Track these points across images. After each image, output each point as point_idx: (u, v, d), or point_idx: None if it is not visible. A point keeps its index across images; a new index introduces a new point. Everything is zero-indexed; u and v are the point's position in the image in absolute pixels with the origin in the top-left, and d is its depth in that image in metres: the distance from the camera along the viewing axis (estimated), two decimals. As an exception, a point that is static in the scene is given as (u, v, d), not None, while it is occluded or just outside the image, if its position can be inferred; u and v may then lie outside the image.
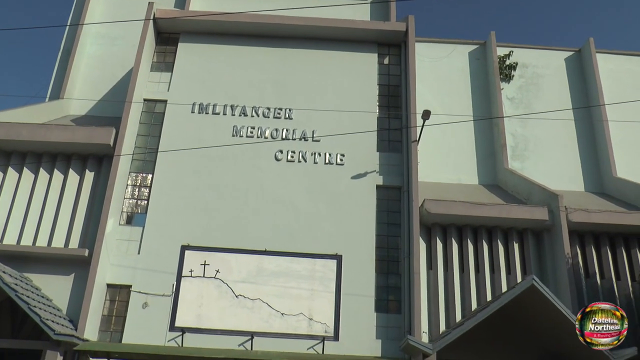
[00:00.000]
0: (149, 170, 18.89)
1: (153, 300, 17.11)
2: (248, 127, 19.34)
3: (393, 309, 17.53)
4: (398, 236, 18.33)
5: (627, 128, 21.79)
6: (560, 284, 17.57)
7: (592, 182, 21.43)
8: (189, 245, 17.74)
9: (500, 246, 18.45)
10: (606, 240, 18.80)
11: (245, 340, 16.80)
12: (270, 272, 17.53)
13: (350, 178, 18.77)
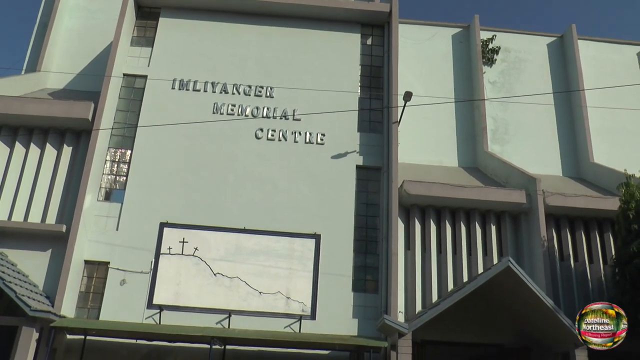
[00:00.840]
0: (128, 146, 18.70)
1: (131, 278, 17.06)
2: (229, 105, 19.21)
3: (370, 289, 17.68)
4: (377, 216, 18.43)
5: (605, 115, 22.02)
6: (535, 266, 17.83)
7: (570, 167, 21.66)
8: (168, 223, 17.66)
9: (477, 228, 18.65)
10: (581, 224, 19.10)
11: (223, 319, 16.84)
12: (248, 250, 17.54)
13: (330, 158, 18.77)
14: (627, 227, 16.27)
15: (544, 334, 16.52)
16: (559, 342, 16.05)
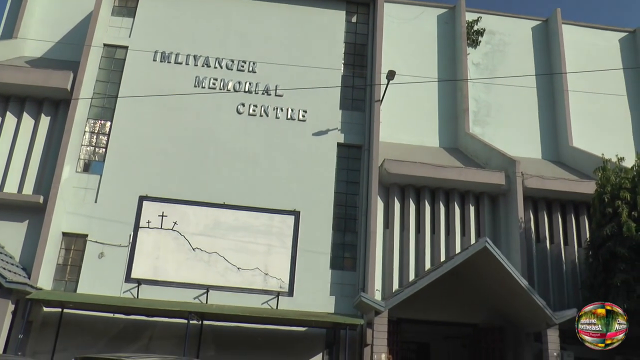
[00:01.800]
0: (108, 117, 18.48)
1: (109, 251, 16.97)
2: (210, 79, 19.02)
3: (348, 267, 17.79)
4: (356, 194, 18.48)
5: (586, 99, 22.15)
6: (511, 247, 18.04)
7: (549, 150, 21.82)
8: (147, 196, 17.55)
9: (456, 208, 18.79)
10: (558, 207, 19.35)
11: (200, 294, 16.86)
12: (227, 225, 17.51)
13: (311, 134, 18.72)
14: (602, 210, 16.52)
15: (518, 314, 16.79)
16: (532, 323, 16.33)
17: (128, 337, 16.32)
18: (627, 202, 15.94)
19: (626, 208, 15.83)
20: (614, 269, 15.81)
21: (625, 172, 16.78)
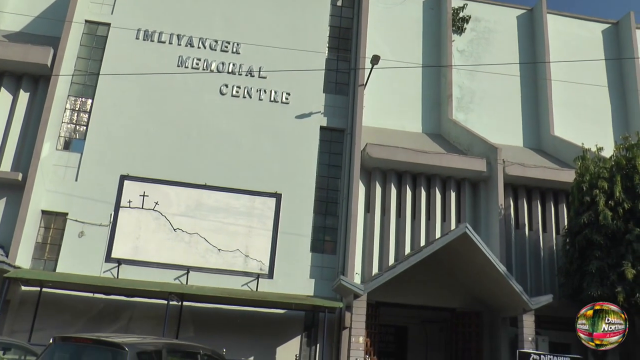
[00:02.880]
0: (89, 95, 18.28)
1: (90, 230, 16.87)
2: (194, 59, 18.87)
3: (328, 250, 17.87)
4: (338, 178, 18.53)
5: (568, 89, 22.29)
6: (491, 234, 18.22)
7: (531, 138, 21.98)
8: (129, 175, 17.45)
9: (437, 194, 18.91)
10: (537, 194, 19.55)
11: (181, 275, 16.85)
12: (209, 207, 17.48)
13: (294, 117, 18.68)
14: (581, 199, 16.75)
15: (496, 299, 17.00)
16: (509, 308, 16.54)
17: (107, 318, 16.29)
18: (604, 191, 16.18)
19: (603, 197, 16.07)
20: (589, 256, 16.10)
21: (604, 162, 17.02)
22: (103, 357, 8.08)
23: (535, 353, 14.63)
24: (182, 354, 9.55)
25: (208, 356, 9.71)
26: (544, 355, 14.57)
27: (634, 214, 15.85)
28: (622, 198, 15.89)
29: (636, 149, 16.59)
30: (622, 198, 15.89)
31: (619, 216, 15.82)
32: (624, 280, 15.26)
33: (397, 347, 21.20)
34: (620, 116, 22.83)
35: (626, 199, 15.91)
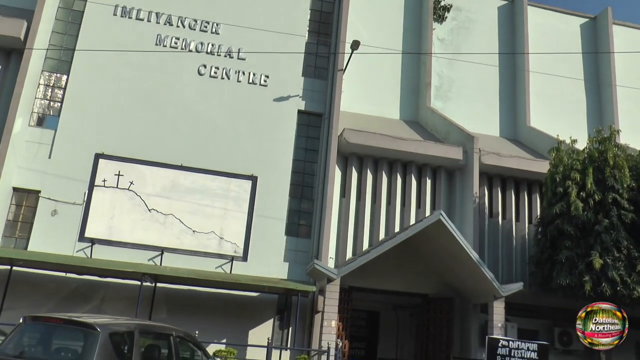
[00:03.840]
0: (64, 70, 17.93)
1: (63, 208, 16.63)
2: (172, 38, 18.60)
3: (303, 234, 17.91)
4: (315, 162, 18.54)
5: (545, 81, 22.55)
6: (465, 221, 18.43)
7: (507, 129, 22.22)
8: (104, 154, 17.22)
9: (413, 181, 19.06)
10: (512, 184, 19.83)
11: (155, 255, 16.76)
12: (184, 188, 17.36)
13: (272, 100, 18.59)
14: (554, 189, 17.04)
15: (467, 286, 17.25)
16: (480, 295, 16.81)
17: (80, 298, 16.14)
18: (576, 182, 16.50)
19: (575, 188, 16.38)
20: (560, 246, 16.44)
21: (577, 154, 17.32)
22: (74, 337, 8.03)
23: (503, 339, 14.87)
24: (155, 335, 9.54)
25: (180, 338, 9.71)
26: (512, 341, 14.81)
27: (603, 206, 16.22)
28: (593, 190, 16.22)
29: (608, 143, 16.93)
30: (593, 190, 16.22)
31: (590, 207, 16.17)
32: (591, 270, 15.64)
33: (369, 331, 21.43)
34: (594, 109, 23.20)
35: (597, 190, 16.26)
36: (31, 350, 7.89)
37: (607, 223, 15.87)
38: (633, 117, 22.61)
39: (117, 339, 8.09)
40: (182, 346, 9.74)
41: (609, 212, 16.08)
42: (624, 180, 16.30)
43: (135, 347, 8.32)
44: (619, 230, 15.85)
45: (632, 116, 22.66)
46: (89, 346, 7.64)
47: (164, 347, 9.31)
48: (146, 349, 8.86)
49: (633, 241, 16.03)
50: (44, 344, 8.10)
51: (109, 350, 7.75)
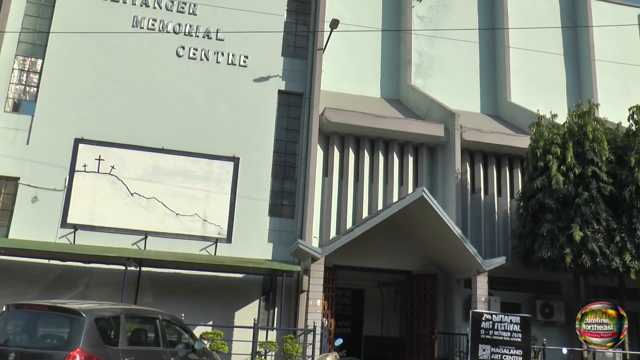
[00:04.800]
0: (39, 54, 17.60)
1: (43, 195, 16.44)
2: (149, 19, 18.30)
3: (286, 214, 17.94)
4: (296, 142, 18.51)
5: (525, 56, 22.59)
6: (447, 198, 18.57)
7: (488, 105, 22.29)
8: (83, 139, 16.99)
9: (395, 158, 19.11)
10: (494, 160, 19.99)
11: (139, 240, 16.68)
12: (166, 171, 17.25)
13: (252, 81, 18.45)
14: (535, 164, 17.22)
15: (451, 261, 17.41)
16: (464, 270, 16.99)
17: (64, 284, 16.03)
18: (557, 156, 16.67)
19: (556, 162, 16.56)
20: (541, 220, 16.66)
21: (557, 129, 17.48)
22: (60, 324, 8.01)
23: (487, 313, 15.07)
24: (141, 319, 9.54)
25: (167, 321, 9.73)
26: (495, 314, 15.03)
27: (583, 179, 16.43)
28: (573, 163, 16.42)
29: (587, 117, 17.10)
30: (573, 163, 16.42)
31: (570, 181, 16.38)
32: (572, 243, 15.90)
33: (354, 309, 21.58)
34: (574, 84, 23.36)
35: (577, 164, 16.45)
36: (15, 338, 7.86)
37: (586, 196, 16.10)
38: (611, 91, 22.79)
39: (103, 324, 8.09)
40: (168, 329, 9.77)
41: (589, 185, 16.31)
42: (603, 153, 16.51)
43: (122, 331, 8.33)
44: (598, 202, 16.12)
45: (610, 90, 22.83)
46: (75, 332, 7.63)
47: (151, 331, 9.33)
48: (133, 333, 8.88)
49: (612, 213, 16.33)
50: (29, 331, 8.07)
51: (95, 335, 7.75)
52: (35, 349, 7.59)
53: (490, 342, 14.56)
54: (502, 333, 14.61)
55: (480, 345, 14.58)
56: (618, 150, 17.14)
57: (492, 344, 14.53)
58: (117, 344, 8.12)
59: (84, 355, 7.37)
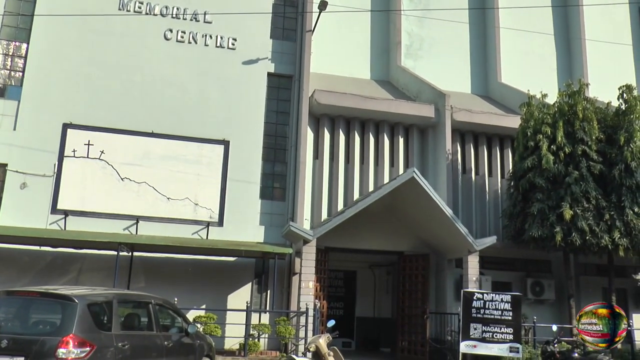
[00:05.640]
0: (23, 38, 17.34)
1: (32, 181, 16.31)
2: (136, 2, 18.03)
3: (277, 197, 17.93)
4: (286, 125, 18.44)
5: (516, 36, 22.51)
6: (438, 178, 18.62)
7: (479, 85, 22.26)
8: (71, 124, 16.83)
9: (386, 140, 19.09)
10: (484, 140, 20.01)
11: (130, 225, 16.63)
12: (156, 155, 17.15)
13: (241, 63, 18.32)
14: (525, 144, 17.29)
15: (442, 242, 17.49)
16: (455, 250, 17.07)
17: (56, 271, 15.99)
18: (547, 136, 16.75)
19: (546, 142, 16.64)
20: (531, 199, 16.79)
21: (548, 108, 17.52)
22: (52, 310, 8.01)
23: (478, 292, 15.21)
24: (134, 304, 9.56)
25: (160, 305, 9.74)
26: (486, 293, 15.17)
27: (573, 158, 16.54)
28: (563, 143, 16.50)
29: (577, 96, 17.15)
30: (563, 143, 16.50)
31: (560, 160, 16.48)
32: (562, 221, 16.04)
33: (346, 291, 21.70)
34: (565, 64, 23.34)
35: (567, 143, 16.54)
36: (8, 325, 7.84)
37: (576, 175, 16.21)
38: (601, 71, 22.78)
39: (95, 310, 8.09)
40: (161, 314, 9.79)
41: (579, 164, 16.42)
42: (593, 132, 16.60)
43: (115, 316, 8.34)
44: (588, 181, 16.23)
45: (600, 69, 22.82)
46: (68, 318, 7.63)
47: (144, 316, 9.35)
48: (126, 318, 8.89)
49: (601, 191, 16.46)
50: (21, 318, 8.06)
51: (88, 321, 7.76)
52: (28, 335, 7.59)
53: (482, 321, 14.71)
54: (493, 312, 14.77)
55: (472, 324, 14.73)
56: (608, 129, 17.24)
57: (484, 322, 14.69)
58: (110, 329, 8.14)
59: (77, 340, 7.37)
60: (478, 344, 14.67)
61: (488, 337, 14.63)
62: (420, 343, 17.14)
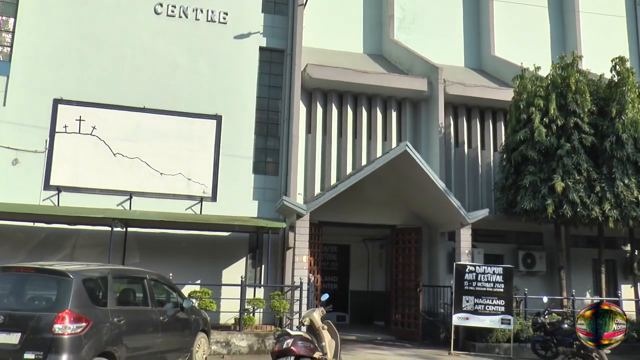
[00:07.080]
0: (10, 13, 17.06)
1: (24, 157, 16.22)
2: (126, -25, 17.83)
3: (270, 171, 17.93)
4: (279, 99, 18.36)
5: (509, 9, 22.36)
6: (431, 152, 18.65)
7: (472, 59, 22.15)
8: (62, 99, 16.67)
9: (378, 114, 19.06)
10: (477, 113, 20.02)
11: (123, 200, 16.61)
12: (149, 130, 17.05)
13: (232, 38, 18.13)
14: (518, 116, 17.33)
15: (435, 215, 17.61)
16: (448, 223, 17.19)
17: (51, 247, 16.00)
18: (540, 109, 16.77)
19: (539, 114, 16.68)
20: (524, 171, 16.87)
21: (541, 81, 17.51)
22: (47, 286, 8.06)
23: (470, 265, 15.40)
24: (129, 279, 9.62)
25: (155, 281, 9.82)
26: (478, 266, 15.36)
27: (565, 130, 16.60)
28: (556, 115, 16.54)
29: (570, 69, 17.12)
30: (556, 115, 16.54)
31: (553, 132, 16.54)
32: (553, 193, 16.15)
33: (339, 265, 21.89)
34: (558, 36, 23.23)
35: (559, 116, 16.58)
36: (3, 301, 7.89)
37: (568, 147, 16.28)
38: (595, 43, 22.71)
39: (90, 285, 8.15)
40: (156, 289, 9.87)
41: (571, 136, 16.48)
42: (585, 104, 16.62)
43: (110, 292, 8.40)
44: (580, 153, 16.32)
45: (593, 42, 22.75)
46: (63, 293, 7.68)
47: (139, 291, 9.43)
48: (121, 294, 8.96)
49: (592, 163, 16.57)
50: (17, 294, 8.11)
51: (84, 296, 7.82)
52: (24, 311, 7.64)
53: (474, 294, 14.93)
54: (485, 284, 14.98)
55: (464, 296, 14.94)
56: (600, 102, 17.28)
57: (476, 295, 14.91)
58: (105, 304, 8.20)
59: (73, 316, 7.44)
60: (470, 316, 14.91)
61: (480, 310, 14.86)
62: (414, 316, 17.37)
